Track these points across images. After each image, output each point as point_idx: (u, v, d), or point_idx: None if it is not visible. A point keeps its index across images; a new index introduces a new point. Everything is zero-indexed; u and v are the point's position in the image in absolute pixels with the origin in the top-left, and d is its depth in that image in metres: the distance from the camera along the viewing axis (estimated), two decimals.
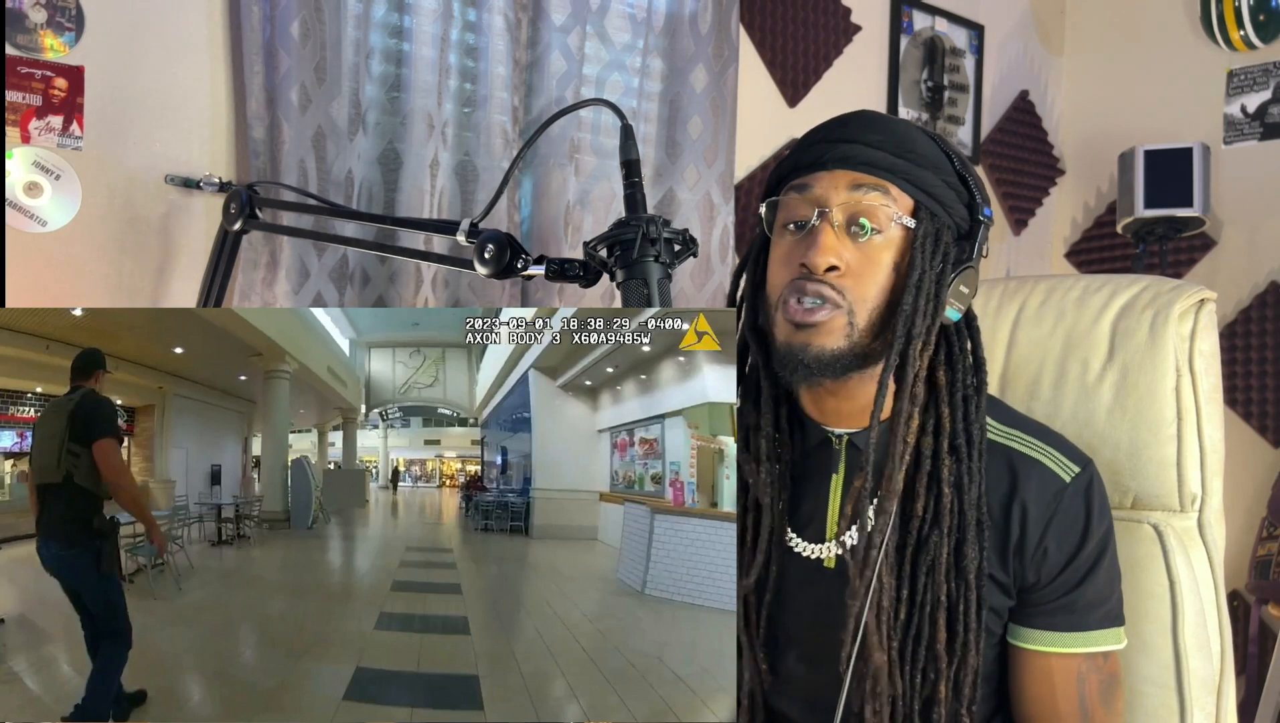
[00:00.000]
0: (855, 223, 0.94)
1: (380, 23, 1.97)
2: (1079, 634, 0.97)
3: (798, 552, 1.01)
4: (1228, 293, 2.93)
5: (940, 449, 0.95)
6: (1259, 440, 2.84)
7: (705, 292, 2.37)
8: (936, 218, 0.96)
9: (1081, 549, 0.96)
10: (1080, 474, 0.97)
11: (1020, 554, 0.96)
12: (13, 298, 1.62)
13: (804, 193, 0.96)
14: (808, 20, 2.68)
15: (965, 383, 0.97)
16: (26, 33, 1.64)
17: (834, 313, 0.93)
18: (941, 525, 0.93)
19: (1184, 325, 1.13)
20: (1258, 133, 2.89)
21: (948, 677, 0.93)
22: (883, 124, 0.97)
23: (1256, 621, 2.53)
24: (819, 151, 0.97)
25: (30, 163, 1.65)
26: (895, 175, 0.94)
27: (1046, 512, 0.96)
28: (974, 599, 0.93)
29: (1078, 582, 0.96)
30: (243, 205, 1.53)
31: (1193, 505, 1.13)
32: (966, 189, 0.97)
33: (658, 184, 2.34)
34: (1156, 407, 1.13)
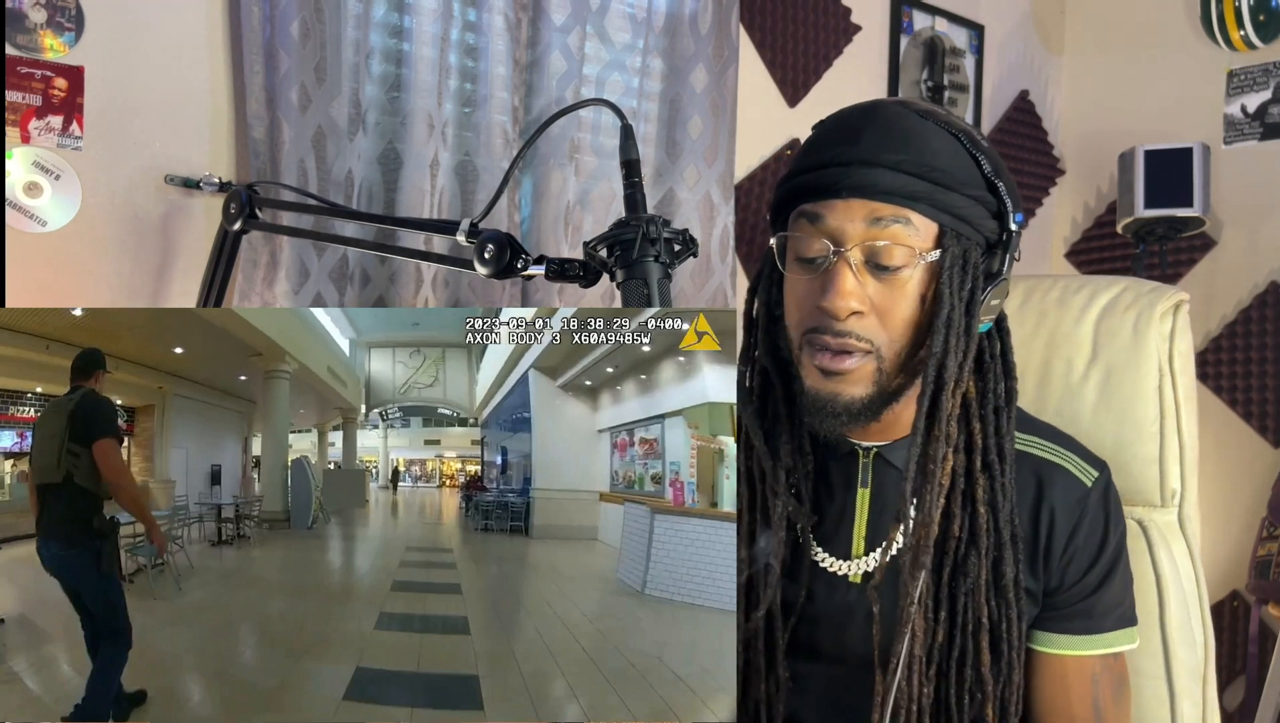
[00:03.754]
0: (874, 261, 0.87)
1: (380, 23, 1.97)
2: (1095, 637, 0.97)
3: (822, 566, 0.99)
4: (1228, 293, 2.93)
5: (973, 467, 0.92)
6: (1259, 440, 2.84)
7: (705, 292, 2.37)
8: (964, 239, 0.88)
9: (1102, 553, 0.96)
10: (1099, 478, 0.97)
11: (1047, 561, 0.96)
12: (13, 298, 1.62)
13: (817, 224, 0.89)
14: (808, 20, 2.68)
15: (996, 393, 0.94)
16: (26, 33, 1.64)
17: (863, 361, 0.89)
18: (979, 546, 0.91)
19: (1164, 326, 1.17)
20: (1258, 133, 2.89)
21: (994, 697, 0.91)
22: (901, 135, 0.88)
23: (1256, 621, 2.53)
24: (832, 177, 0.88)
25: (30, 163, 1.65)
26: (918, 202, 0.86)
27: (1072, 518, 0.95)
28: (1014, 617, 0.92)
29: (1097, 586, 0.96)
30: (243, 205, 1.53)
31: (1173, 500, 1.17)
32: (995, 197, 0.90)
33: (658, 184, 2.34)
34: (1140, 405, 1.16)
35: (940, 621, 0.91)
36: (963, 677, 0.92)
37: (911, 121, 0.89)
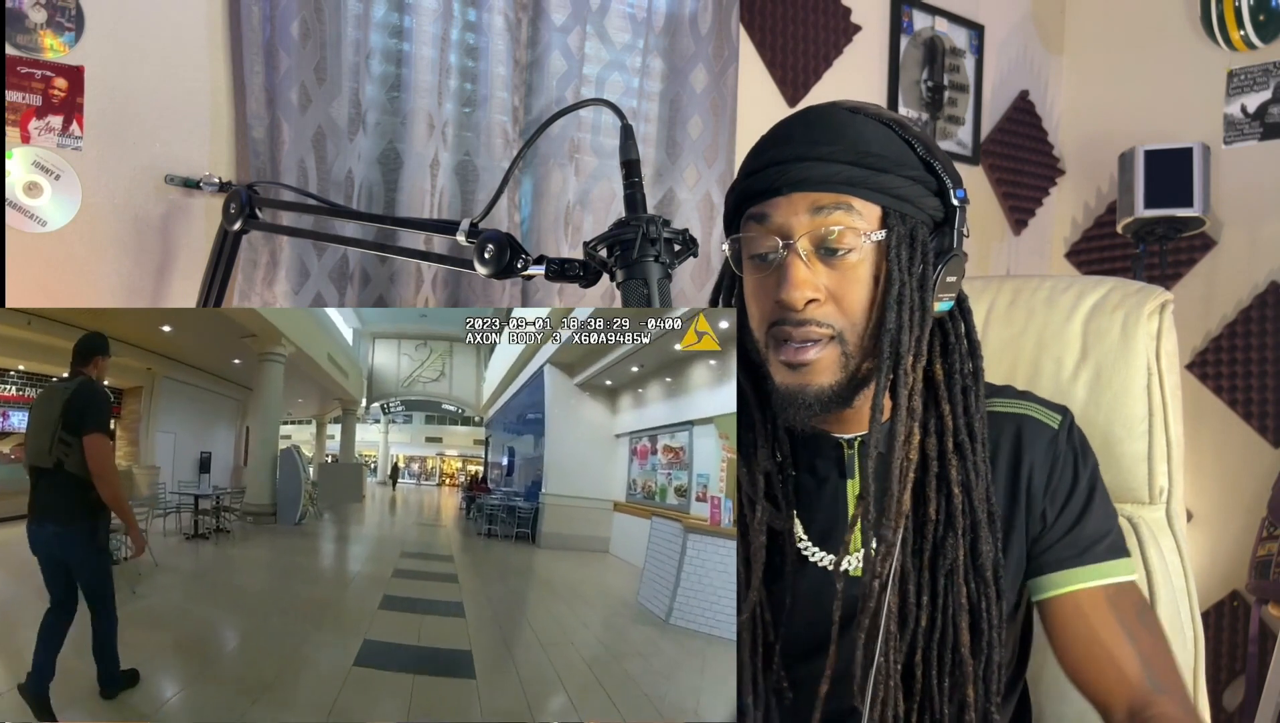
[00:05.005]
0: (823, 246, 0.90)
1: (380, 23, 1.97)
2: (1092, 567, 0.97)
3: (816, 563, 0.99)
4: (1228, 293, 2.93)
5: (945, 449, 0.94)
6: (1259, 440, 2.84)
7: (705, 292, 2.37)
8: (908, 218, 0.91)
9: (1075, 486, 0.98)
10: (1063, 421, 1.01)
11: (1030, 507, 0.98)
12: (13, 298, 1.63)
13: (764, 223, 0.92)
14: (808, 20, 2.68)
15: (963, 373, 0.96)
16: (26, 33, 1.64)
17: (827, 347, 0.91)
18: (955, 527, 0.92)
19: (1152, 326, 1.19)
20: (1258, 133, 2.89)
21: (975, 677, 0.92)
22: (832, 128, 0.92)
23: (1256, 621, 2.53)
24: (772, 176, 0.92)
25: (30, 163, 1.65)
26: (856, 188, 0.90)
27: (1047, 460, 0.98)
28: (993, 596, 0.93)
29: (1078, 517, 0.98)
30: (243, 205, 1.53)
31: (1161, 497, 1.19)
32: (934, 176, 0.93)
33: (658, 184, 2.34)
34: (1129, 404, 1.19)
35: (922, 604, 0.93)
36: (943, 659, 0.93)
37: (841, 116, 0.94)
